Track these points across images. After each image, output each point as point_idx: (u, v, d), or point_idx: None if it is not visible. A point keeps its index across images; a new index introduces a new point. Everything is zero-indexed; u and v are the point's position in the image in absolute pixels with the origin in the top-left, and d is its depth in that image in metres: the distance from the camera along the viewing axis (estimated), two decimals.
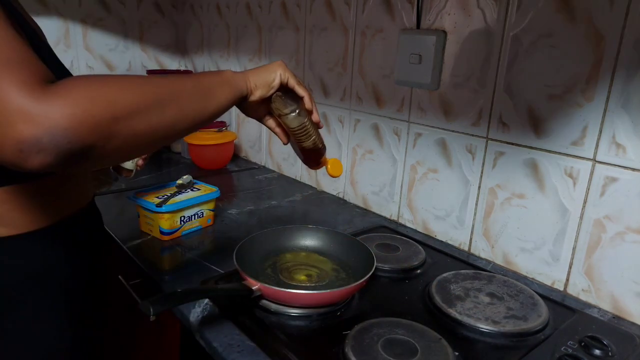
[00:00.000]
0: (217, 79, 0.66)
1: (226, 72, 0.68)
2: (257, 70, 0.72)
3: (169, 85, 0.58)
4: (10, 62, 0.44)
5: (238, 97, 0.68)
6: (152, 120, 0.53)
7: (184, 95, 0.58)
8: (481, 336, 0.75)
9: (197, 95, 0.61)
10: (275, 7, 1.50)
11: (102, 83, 0.49)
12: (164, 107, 0.54)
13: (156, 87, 0.55)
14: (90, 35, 1.82)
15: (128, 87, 0.51)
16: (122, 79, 0.53)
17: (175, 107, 0.56)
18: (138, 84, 0.53)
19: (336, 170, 0.85)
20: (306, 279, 0.86)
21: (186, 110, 0.58)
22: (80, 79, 0.48)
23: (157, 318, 0.84)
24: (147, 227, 1.07)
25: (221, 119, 1.91)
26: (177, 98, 0.57)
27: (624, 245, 0.82)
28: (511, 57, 0.92)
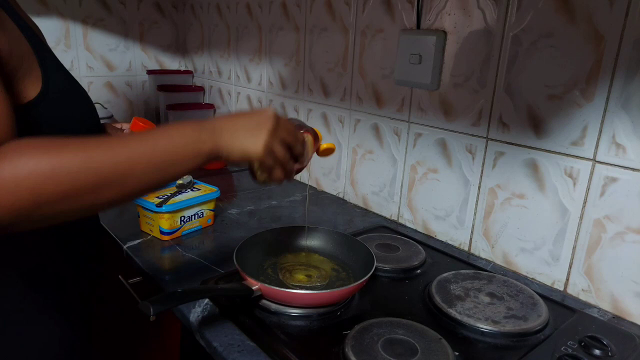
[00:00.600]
0: (190, 150, 0.56)
1: (204, 145, 0.57)
2: (240, 134, 0.60)
3: (119, 166, 0.51)
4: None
5: (206, 162, 0.59)
6: (83, 203, 0.49)
7: (130, 176, 0.52)
8: (481, 336, 0.75)
9: (150, 174, 0.53)
10: (276, 7, 1.50)
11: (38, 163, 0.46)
12: (101, 190, 0.50)
13: (99, 169, 0.49)
14: (91, 35, 1.82)
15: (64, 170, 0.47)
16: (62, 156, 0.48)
17: (117, 189, 0.51)
18: (77, 165, 0.48)
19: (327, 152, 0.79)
20: (306, 279, 0.86)
21: (131, 190, 0.53)
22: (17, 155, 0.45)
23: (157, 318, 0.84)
24: (147, 227, 1.07)
25: None
26: (121, 179, 0.51)
27: (624, 245, 0.82)
28: (511, 57, 0.92)
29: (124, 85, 1.96)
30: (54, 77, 0.63)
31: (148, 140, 0.54)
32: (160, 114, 1.89)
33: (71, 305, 0.74)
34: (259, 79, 1.65)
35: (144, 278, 0.97)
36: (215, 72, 1.92)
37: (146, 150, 0.53)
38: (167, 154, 0.55)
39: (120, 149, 0.52)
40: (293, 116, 1.51)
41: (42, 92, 0.61)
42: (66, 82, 0.67)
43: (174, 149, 0.55)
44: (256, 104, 1.69)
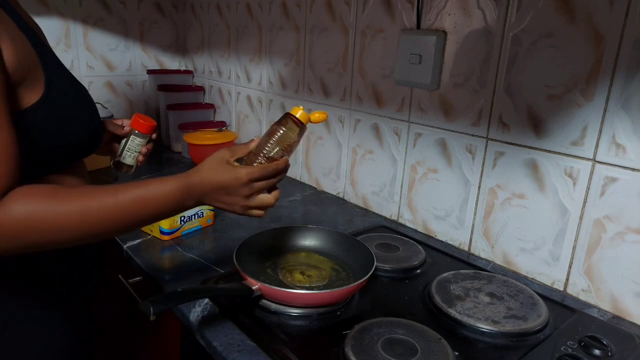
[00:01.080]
0: (169, 211, 0.66)
1: (185, 201, 0.66)
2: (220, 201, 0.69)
3: (105, 228, 0.60)
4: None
5: None
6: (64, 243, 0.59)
7: (115, 233, 0.62)
8: (481, 336, 0.75)
9: (133, 224, 0.63)
10: (276, 7, 1.50)
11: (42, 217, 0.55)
12: (86, 240, 0.60)
13: (90, 228, 0.59)
14: (91, 35, 1.82)
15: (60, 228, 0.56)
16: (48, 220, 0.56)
17: (99, 238, 0.61)
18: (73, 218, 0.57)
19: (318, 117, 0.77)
20: (306, 279, 0.86)
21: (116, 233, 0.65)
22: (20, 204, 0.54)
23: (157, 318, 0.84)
24: (147, 227, 1.07)
25: (221, 119, 1.92)
26: (105, 235, 0.61)
27: (624, 245, 0.82)
28: (511, 57, 0.92)
29: (124, 85, 1.96)
30: (56, 79, 0.64)
31: (137, 201, 0.62)
32: (161, 113, 1.89)
33: (71, 306, 0.74)
34: (259, 79, 1.65)
35: (144, 278, 0.97)
36: (215, 72, 1.92)
37: (134, 211, 0.61)
38: (153, 213, 0.63)
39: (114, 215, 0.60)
40: None
41: (44, 95, 0.61)
42: (68, 83, 0.68)
43: (159, 209, 0.64)
44: (256, 104, 1.69)
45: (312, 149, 1.46)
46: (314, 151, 1.45)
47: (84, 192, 0.59)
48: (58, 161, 0.68)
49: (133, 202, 0.61)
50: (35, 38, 0.62)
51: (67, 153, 0.68)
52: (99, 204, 0.58)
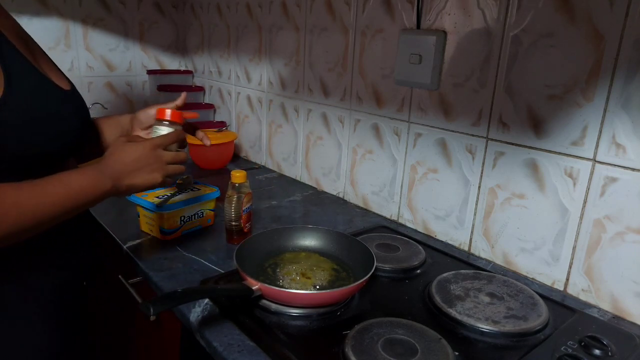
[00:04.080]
0: (92, 198, 0.66)
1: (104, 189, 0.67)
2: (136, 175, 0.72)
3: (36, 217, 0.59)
4: None
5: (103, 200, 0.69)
6: None
7: (49, 221, 0.61)
8: (481, 336, 0.75)
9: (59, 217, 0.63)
10: (276, 7, 1.50)
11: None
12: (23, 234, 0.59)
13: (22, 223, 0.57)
14: (91, 35, 1.82)
15: None
16: None
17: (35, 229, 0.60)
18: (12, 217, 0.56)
19: None
20: (306, 279, 0.86)
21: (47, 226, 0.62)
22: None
23: (157, 318, 0.84)
24: (147, 227, 1.07)
25: (221, 119, 1.92)
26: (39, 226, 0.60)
27: (624, 245, 0.82)
28: (511, 57, 0.92)
29: (124, 85, 1.96)
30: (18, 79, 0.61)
31: (65, 199, 0.63)
32: None
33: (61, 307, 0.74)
34: (259, 79, 1.65)
35: (144, 278, 0.97)
36: (215, 72, 1.92)
37: (60, 206, 0.62)
38: (76, 207, 0.64)
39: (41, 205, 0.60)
40: (292, 116, 1.51)
41: (4, 96, 0.59)
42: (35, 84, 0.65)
43: (78, 194, 0.64)
44: (256, 104, 1.69)
45: (312, 149, 1.46)
46: (314, 151, 1.45)
47: (19, 185, 0.59)
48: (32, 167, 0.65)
49: (54, 186, 0.62)
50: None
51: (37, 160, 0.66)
52: (29, 193, 0.59)
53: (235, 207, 1.01)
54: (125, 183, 0.70)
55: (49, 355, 0.72)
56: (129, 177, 0.70)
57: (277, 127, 1.60)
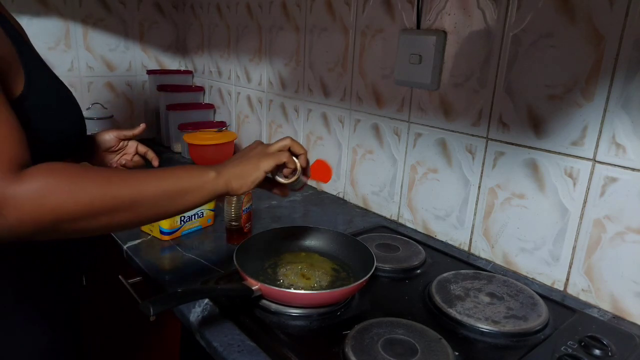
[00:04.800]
0: (195, 182, 0.63)
1: (208, 175, 0.65)
2: (240, 169, 0.68)
3: (132, 191, 0.57)
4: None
5: (215, 197, 0.67)
6: (99, 223, 0.55)
7: (143, 203, 0.58)
8: (481, 336, 0.75)
9: (160, 201, 0.59)
10: (276, 7, 1.50)
11: (57, 185, 0.51)
12: (115, 213, 0.55)
13: (112, 195, 0.55)
14: (91, 35, 1.82)
15: (82, 192, 0.53)
16: (81, 182, 0.53)
17: (130, 213, 0.57)
18: (93, 191, 0.53)
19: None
20: (306, 279, 0.86)
21: (143, 215, 0.59)
22: (40, 176, 0.51)
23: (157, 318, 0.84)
24: (147, 226, 1.07)
25: (221, 119, 1.92)
26: (133, 206, 0.57)
27: (624, 245, 0.82)
28: (511, 57, 0.92)
29: (124, 85, 1.96)
30: (36, 79, 0.63)
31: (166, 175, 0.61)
32: (160, 114, 1.89)
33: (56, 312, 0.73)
34: (259, 79, 1.65)
35: (144, 278, 0.97)
36: (215, 72, 1.92)
37: (164, 182, 0.60)
38: (183, 188, 0.62)
39: (139, 179, 0.58)
40: (292, 116, 1.51)
41: (24, 93, 0.60)
42: (49, 84, 0.67)
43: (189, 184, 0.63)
44: (256, 104, 1.69)
45: (312, 150, 1.46)
46: (314, 151, 1.45)
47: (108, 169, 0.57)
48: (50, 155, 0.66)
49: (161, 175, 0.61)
50: (18, 38, 0.62)
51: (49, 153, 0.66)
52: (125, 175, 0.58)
53: (235, 207, 1.01)
54: (228, 170, 0.67)
55: (48, 355, 0.72)
56: (231, 165, 0.68)
57: (277, 127, 1.60)
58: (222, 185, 0.66)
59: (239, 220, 1.02)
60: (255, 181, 0.69)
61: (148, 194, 0.58)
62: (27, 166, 0.52)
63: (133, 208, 0.57)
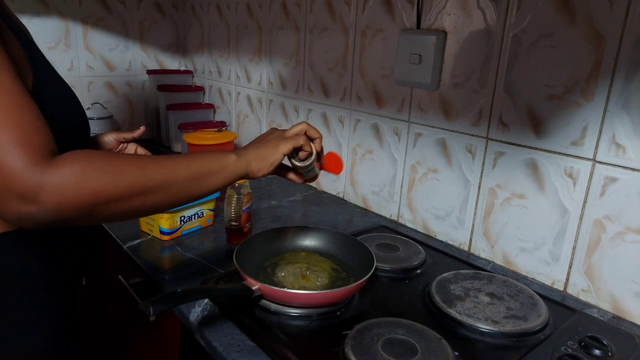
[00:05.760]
0: (218, 164, 0.66)
1: (230, 157, 0.68)
2: (260, 152, 0.71)
3: (163, 173, 0.60)
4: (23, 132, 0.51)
5: (236, 180, 0.69)
6: (133, 205, 0.57)
7: (174, 184, 0.61)
8: (481, 336, 0.75)
9: (189, 183, 0.63)
10: (276, 7, 1.50)
11: (95, 169, 0.53)
12: (149, 195, 0.58)
13: (147, 177, 0.58)
14: (91, 35, 1.82)
15: (119, 176, 0.55)
16: (118, 164, 0.56)
17: (162, 194, 0.60)
18: (130, 173, 0.56)
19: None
20: (306, 279, 0.86)
21: (172, 197, 0.62)
22: (77, 161, 0.53)
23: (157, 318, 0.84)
24: (147, 226, 1.07)
25: (221, 119, 1.92)
26: (166, 187, 0.60)
27: (623, 245, 0.82)
28: (511, 57, 0.92)
29: (124, 85, 1.96)
30: (43, 79, 0.63)
31: (191, 159, 0.65)
32: (160, 114, 1.89)
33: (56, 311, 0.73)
34: (259, 79, 1.65)
35: (143, 278, 0.97)
36: (215, 72, 1.92)
37: (189, 165, 0.63)
38: (207, 170, 0.65)
39: (167, 163, 0.61)
40: (292, 116, 1.51)
41: (33, 92, 0.60)
42: (55, 85, 0.68)
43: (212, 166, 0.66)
44: (256, 104, 1.69)
45: None
46: None
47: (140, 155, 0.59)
48: None
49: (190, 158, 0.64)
50: (25, 39, 0.62)
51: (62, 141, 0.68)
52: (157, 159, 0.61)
53: (235, 207, 1.01)
54: (248, 152, 0.70)
55: (48, 355, 0.72)
56: (251, 148, 0.72)
57: (277, 126, 1.60)
58: (243, 166, 0.68)
59: (239, 220, 1.02)
60: (275, 163, 0.71)
61: (178, 176, 0.61)
62: (56, 153, 0.53)
63: (165, 189, 0.60)
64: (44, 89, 0.63)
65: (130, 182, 0.56)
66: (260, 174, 0.71)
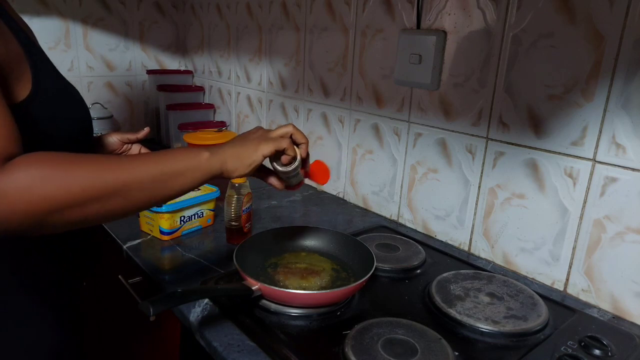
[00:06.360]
0: (190, 162, 0.61)
1: (201, 155, 0.62)
2: (238, 150, 0.66)
3: (123, 175, 0.55)
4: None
5: (209, 179, 0.64)
6: (89, 212, 0.53)
7: (136, 187, 0.56)
8: (481, 336, 0.75)
9: (154, 184, 0.58)
10: (276, 7, 1.50)
11: (46, 174, 0.49)
12: (107, 200, 0.54)
13: (104, 180, 0.53)
14: (91, 35, 1.82)
15: (71, 178, 0.51)
16: (73, 167, 0.52)
17: (123, 198, 0.55)
18: (84, 176, 0.52)
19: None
20: (306, 279, 0.86)
21: (136, 200, 0.57)
22: (27, 165, 0.49)
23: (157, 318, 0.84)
24: (147, 226, 1.07)
25: (221, 119, 1.92)
26: (126, 190, 0.55)
27: (623, 245, 0.82)
28: (511, 57, 0.92)
29: (124, 85, 1.96)
30: (44, 79, 0.63)
31: (159, 158, 0.59)
32: (160, 114, 1.89)
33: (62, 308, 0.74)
34: (259, 79, 1.65)
35: (143, 278, 0.97)
36: (215, 72, 1.92)
37: (157, 165, 0.58)
38: (177, 169, 0.60)
39: (129, 164, 0.56)
40: (292, 116, 1.51)
41: (32, 93, 0.60)
42: (57, 84, 0.67)
43: (183, 165, 0.60)
44: (256, 104, 1.69)
45: (311, 149, 1.45)
46: (314, 151, 1.45)
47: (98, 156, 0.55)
48: None
49: (151, 158, 0.60)
50: (25, 39, 0.62)
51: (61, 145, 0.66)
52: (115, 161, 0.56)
53: (235, 207, 1.01)
54: (224, 150, 0.65)
55: (49, 355, 0.72)
56: (228, 145, 0.66)
57: (277, 126, 1.60)
58: (216, 165, 0.63)
59: (239, 220, 1.02)
60: (253, 165, 0.66)
61: (139, 178, 0.56)
62: (12, 158, 0.50)
63: (125, 193, 0.55)
64: (44, 88, 0.62)
65: (84, 186, 0.51)
66: (236, 174, 0.66)
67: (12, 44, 0.59)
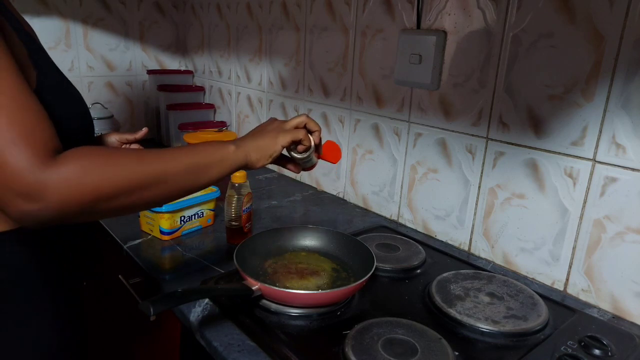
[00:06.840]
0: (218, 155, 0.67)
1: (229, 148, 0.68)
2: (259, 143, 0.72)
3: (161, 167, 0.60)
4: (26, 131, 0.51)
5: (235, 170, 0.70)
6: (133, 200, 0.58)
7: (173, 177, 0.61)
8: (481, 336, 0.75)
9: (188, 175, 0.63)
10: (276, 7, 1.50)
11: (96, 165, 0.54)
12: (149, 189, 0.59)
13: (146, 170, 0.59)
14: (91, 35, 1.82)
15: (118, 170, 0.56)
16: (117, 160, 0.57)
17: (161, 188, 0.60)
18: (129, 168, 0.57)
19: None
20: (306, 279, 0.86)
21: (172, 189, 0.62)
22: (78, 158, 0.54)
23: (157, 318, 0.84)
24: (147, 226, 1.07)
25: (221, 119, 1.92)
26: (164, 180, 0.60)
27: (623, 245, 0.82)
28: (511, 57, 0.92)
29: (124, 85, 1.96)
30: (46, 78, 0.63)
31: (190, 151, 0.65)
32: (161, 114, 1.89)
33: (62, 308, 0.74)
34: (259, 79, 1.65)
35: (144, 278, 0.97)
36: (215, 72, 1.92)
37: (188, 157, 0.64)
38: (207, 161, 0.66)
39: (166, 156, 0.62)
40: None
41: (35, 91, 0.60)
42: (58, 81, 0.68)
43: (212, 158, 0.66)
44: (256, 104, 1.69)
45: None
46: None
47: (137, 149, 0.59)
48: None
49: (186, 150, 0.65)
50: (28, 39, 0.62)
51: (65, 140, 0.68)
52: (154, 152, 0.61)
53: (235, 207, 1.01)
54: (247, 143, 0.71)
55: (49, 354, 0.72)
56: (250, 138, 0.72)
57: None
58: (241, 157, 0.69)
59: (239, 220, 1.02)
60: (273, 155, 0.73)
61: (176, 169, 0.61)
62: (59, 151, 0.53)
63: (163, 183, 0.60)
64: (47, 88, 0.63)
65: (130, 177, 0.56)
66: (259, 165, 0.72)
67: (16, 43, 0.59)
